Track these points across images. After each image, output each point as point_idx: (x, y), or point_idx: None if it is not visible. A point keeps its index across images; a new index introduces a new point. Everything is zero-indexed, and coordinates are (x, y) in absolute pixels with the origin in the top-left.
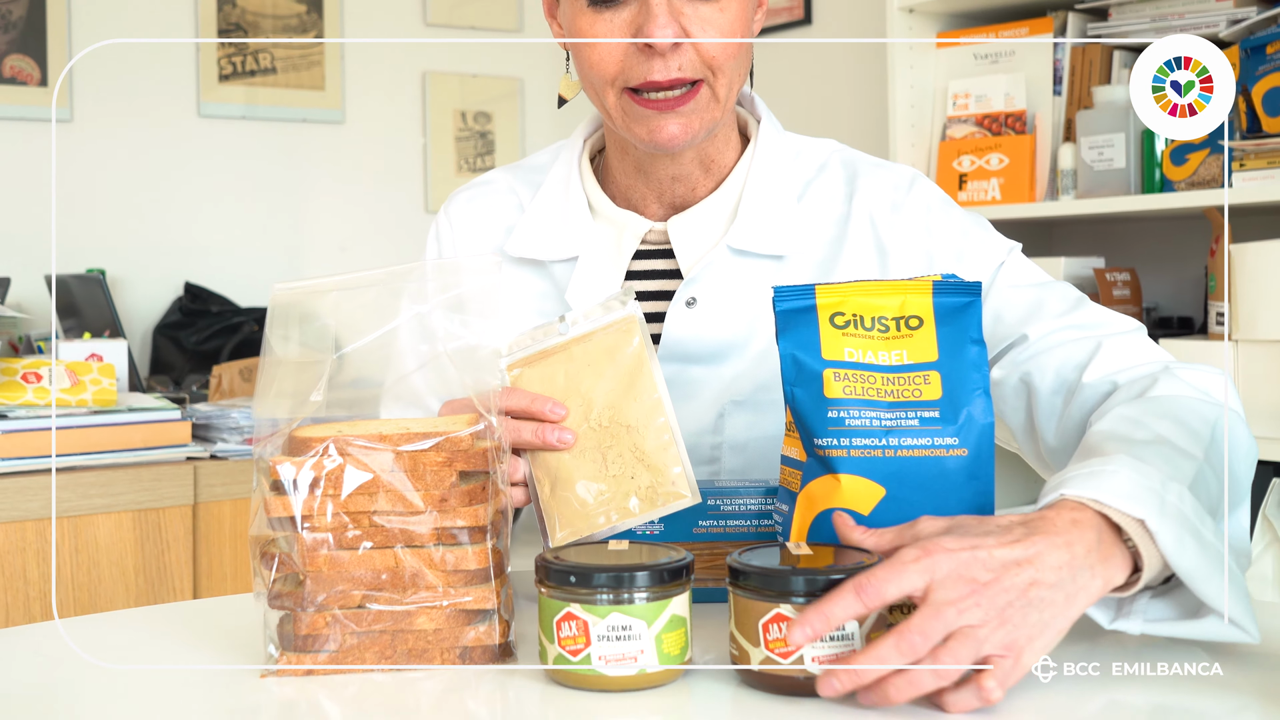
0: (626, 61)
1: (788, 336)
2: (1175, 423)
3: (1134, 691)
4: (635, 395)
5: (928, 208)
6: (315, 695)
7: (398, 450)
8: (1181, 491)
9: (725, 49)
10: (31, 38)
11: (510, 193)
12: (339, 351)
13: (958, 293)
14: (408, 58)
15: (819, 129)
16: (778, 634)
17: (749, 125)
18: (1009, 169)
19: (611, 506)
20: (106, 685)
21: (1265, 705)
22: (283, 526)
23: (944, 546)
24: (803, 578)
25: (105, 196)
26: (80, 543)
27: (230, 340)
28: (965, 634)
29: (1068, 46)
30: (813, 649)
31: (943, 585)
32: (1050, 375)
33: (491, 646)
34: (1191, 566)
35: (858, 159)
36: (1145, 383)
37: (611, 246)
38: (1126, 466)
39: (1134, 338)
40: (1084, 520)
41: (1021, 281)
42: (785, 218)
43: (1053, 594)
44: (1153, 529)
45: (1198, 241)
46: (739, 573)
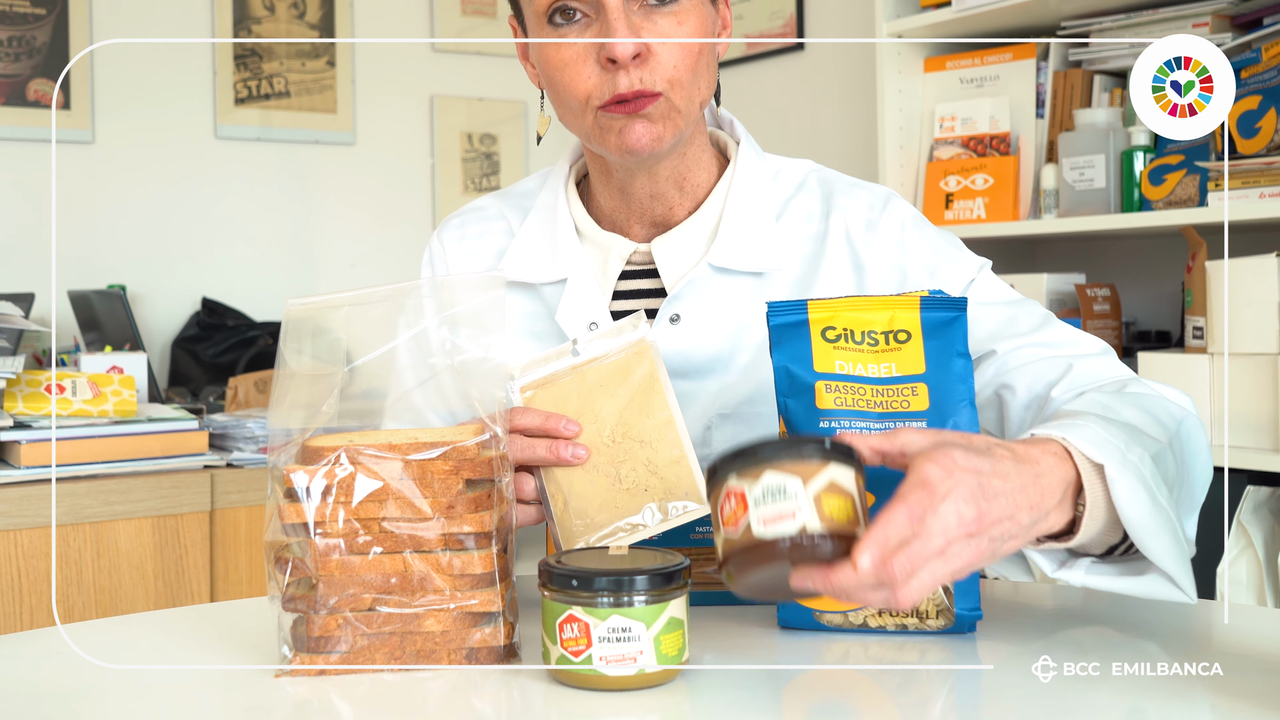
0: (594, 80)
1: (781, 350)
2: (1143, 413)
3: (1134, 691)
4: (648, 413)
5: (902, 225)
6: (327, 694)
7: (406, 459)
8: (1143, 455)
9: (683, 61)
10: (55, 62)
11: (500, 218)
12: (350, 364)
13: (944, 308)
14: (416, 82)
15: (811, 151)
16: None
17: (728, 147)
18: (994, 189)
19: (626, 519)
20: (127, 685)
21: (1265, 705)
22: (296, 532)
23: (959, 465)
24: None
25: (126, 215)
26: (102, 547)
27: (246, 353)
28: (949, 553)
29: (1050, 71)
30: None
31: (954, 507)
32: (1022, 391)
33: (497, 647)
34: (1140, 518)
35: (834, 178)
36: (1116, 385)
37: (598, 268)
38: (1094, 423)
39: (1104, 359)
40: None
41: (991, 299)
42: (764, 236)
43: (1018, 531)
44: (1110, 476)
45: (1175, 258)
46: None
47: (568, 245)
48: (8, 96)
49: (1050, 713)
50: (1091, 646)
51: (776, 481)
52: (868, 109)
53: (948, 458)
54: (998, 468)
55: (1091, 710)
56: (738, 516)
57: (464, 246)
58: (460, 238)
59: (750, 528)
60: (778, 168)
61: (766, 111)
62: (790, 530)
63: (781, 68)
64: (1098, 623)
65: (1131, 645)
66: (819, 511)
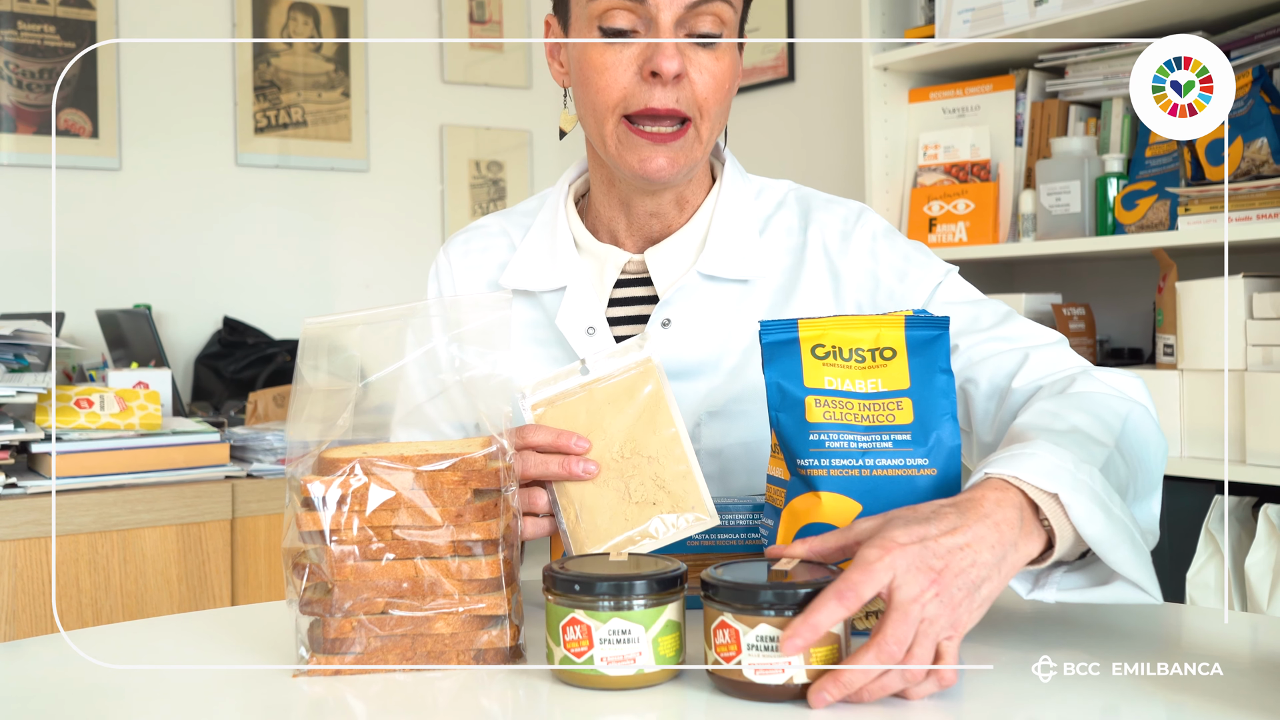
0: (630, 88)
1: (773, 366)
2: (1089, 415)
3: (1134, 691)
4: (655, 429)
5: (873, 236)
6: (342, 693)
7: (417, 470)
8: (1092, 471)
9: (715, 93)
10: (84, 93)
11: (502, 234)
12: (364, 380)
13: (928, 326)
14: (426, 112)
15: (802, 176)
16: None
17: (715, 168)
18: (974, 213)
19: (635, 530)
20: (152, 684)
21: (1265, 706)
22: (313, 539)
23: (897, 541)
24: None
25: (151, 238)
26: (128, 554)
27: (265, 369)
28: (924, 630)
29: (1028, 102)
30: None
31: (905, 581)
32: (984, 383)
33: (503, 649)
34: (1099, 535)
35: (811, 196)
36: (1065, 383)
37: (595, 277)
38: (1044, 450)
39: (1057, 349)
40: (1006, 499)
41: (957, 299)
42: (749, 247)
43: (989, 572)
44: (1065, 502)
45: (1147, 279)
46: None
47: (566, 255)
48: (38, 126)
49: (1050, 713)
50: (1091, 646)
51: (771, 633)
52: (855, 137)
53: (886, 538)
54: (943, 525)
55: (1091, 710)
56: (731, 652)
57: (468, 260)
58: (465, 252)
59: (743, 670)
60: (760, 187)
61: (760, 139)
62: (779, 680)
63: (774, 98)
64: (1098, 623)
65: (1131, 645)
66: (806, 660)
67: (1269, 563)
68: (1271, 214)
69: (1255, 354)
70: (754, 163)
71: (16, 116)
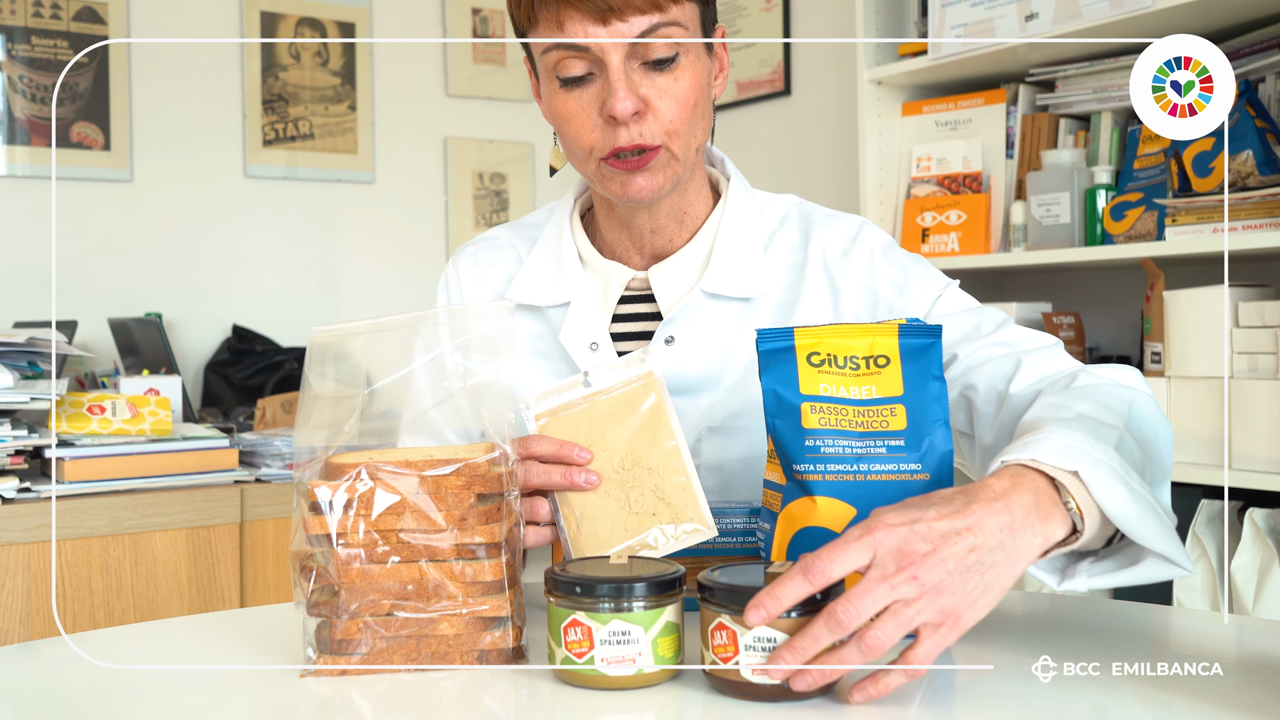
0: (597, 134)
1: (770, 374)
2: (1095, 403)
3: (1134, 691)
4: (655, 442)
5: (871, 252)
6: (349, 693)
7: (422, 475)
8: (1108, 449)
9: (680, 114)
10: (96, 106)
11: (510, 247)
12: (370, 387)
13: (920, 335)
14: (431, 125)
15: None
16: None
17: (720, 183)
18: (967, 224)
19: (635, 540)
20: (163, 684)
21: (1264, 706)
22: (320, 543)
23: (885, 522)
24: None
25: (162, 248)
26: (139, 557)
27: (273, 377)
28: (895, 610)
29: (1019, 115)
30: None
31: (881, 561)
32: (983, 388)
33: (506, 649)
34: (1124, 511)
35: (813, 211)
36: (1066, 380)
37: (599, 293)
38: (1056, 433)
39: (1053, 351)
40: (1022, 482)
41: (956, 309)
42: (753, 265)
43: (994, 556)
44: (1086, 478)
45: (1135, 288)
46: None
47: (571, 271)
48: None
49: (1050, 713)
50: (1091, 646)
51: (768, 634)
52: (850, 150)
53: (875, 519)
54: (943, 510)
55: (1091, 710)
56: (728, 653)
57: (477, 272)
58: (474, 264)
59: (740, 670)
60: (765, 203)
61: (757, 151)
62: (776, 680)
63: (770, 111)
64: (1098, 623)
65: (1131, 645)
66: None
67: (1254, 565)
68: (1257, 224)
69: (1241, 361)
70: (750, 175)
71: (30, 129)
